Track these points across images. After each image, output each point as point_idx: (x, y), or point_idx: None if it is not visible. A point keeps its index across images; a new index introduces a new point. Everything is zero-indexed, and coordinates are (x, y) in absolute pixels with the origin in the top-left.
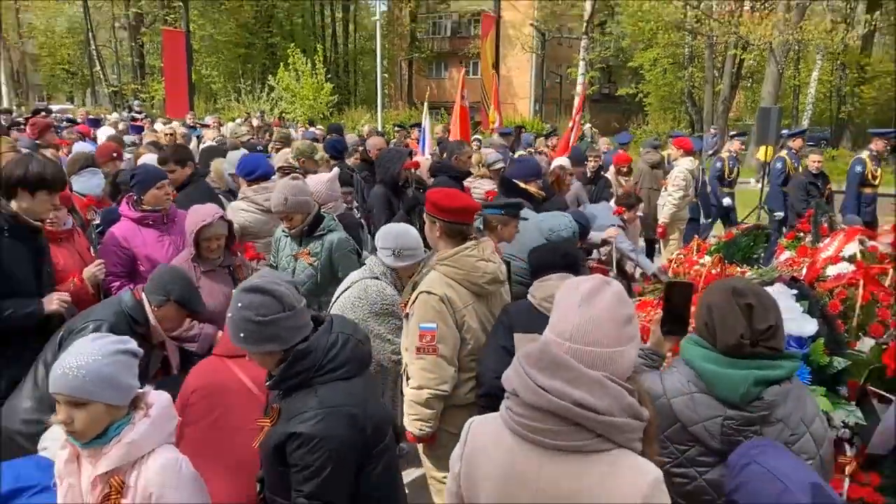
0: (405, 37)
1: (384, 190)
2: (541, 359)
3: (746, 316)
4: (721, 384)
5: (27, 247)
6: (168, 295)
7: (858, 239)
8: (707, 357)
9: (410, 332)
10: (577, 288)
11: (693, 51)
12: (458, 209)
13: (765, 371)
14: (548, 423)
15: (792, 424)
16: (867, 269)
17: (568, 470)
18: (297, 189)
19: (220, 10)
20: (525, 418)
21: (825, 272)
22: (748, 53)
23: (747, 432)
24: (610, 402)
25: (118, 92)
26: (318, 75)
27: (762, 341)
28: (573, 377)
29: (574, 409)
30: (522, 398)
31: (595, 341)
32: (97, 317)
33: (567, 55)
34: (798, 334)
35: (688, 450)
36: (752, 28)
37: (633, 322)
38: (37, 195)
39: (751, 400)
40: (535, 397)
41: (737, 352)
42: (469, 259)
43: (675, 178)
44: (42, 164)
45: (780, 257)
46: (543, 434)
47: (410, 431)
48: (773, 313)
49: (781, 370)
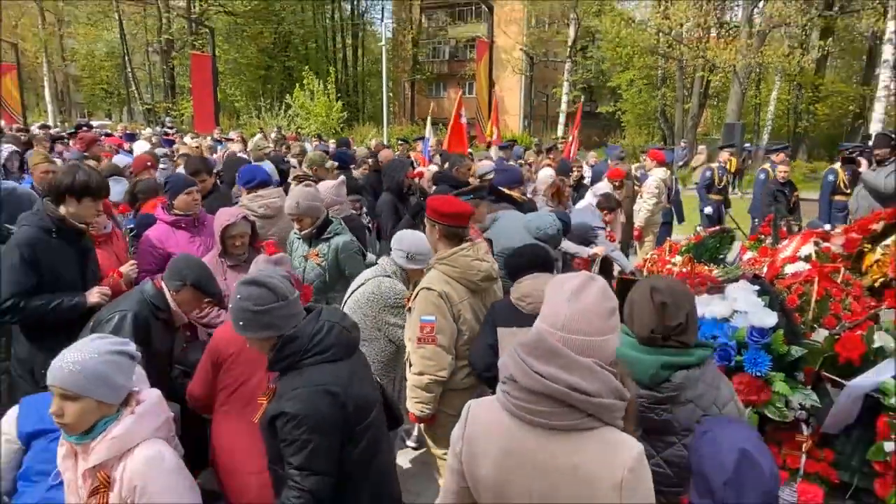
0: (408, 60)
1: (391, 197)
2: (536, 347)
3: (659, 313)
4: (634, 367)
5: (73, 247)
6: (184, 280)
7: (813, 241)
8: (626, 342)
9: (412, 325)
10: (565, 283)
11: (665, 73)
12: (455, 214)
13: (673, 357)
14: (543, 405)
15: (703, 405)
16: (821, 267)
17: (563, 446)
18: (309, 195)
19: (243, 37)
20: (522, 401)
21: (784, 270)
22: (714, 75)
23: (658, 410)
24: (599, 386)
25: (151, 109)
26: (330, 95)
27: (673, 336)
28: (566, 363)
29: (568, 391)
30: (520, 383)
31: (583, 331)
32: (123, 307)
33: (553, 76)
34: (760, 326)
35: None
36: (717, 52)
37: (615, 314)
38: (82, 202)
39: (659, 382)
40: (532, 382)
41: (650, 343)
42: (465, 259)
43: (650, 186)
44: (87, 174)
45: (744, 257)
46: (540, 415)
47: (412, 413)
48: (685, 311)
49: (690, 357)
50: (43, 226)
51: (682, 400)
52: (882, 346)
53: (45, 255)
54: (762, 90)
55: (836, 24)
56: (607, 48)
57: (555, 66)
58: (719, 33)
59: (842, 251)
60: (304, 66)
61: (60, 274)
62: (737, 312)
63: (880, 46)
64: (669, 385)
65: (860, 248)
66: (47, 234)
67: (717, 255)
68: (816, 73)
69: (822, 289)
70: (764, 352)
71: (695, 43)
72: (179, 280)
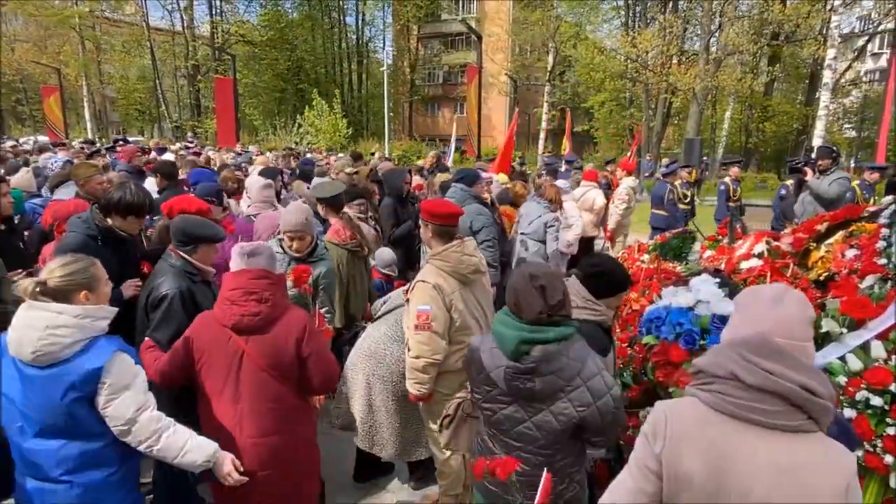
0: (406, 83)
1: (391, 201)
2: (763, 347)
3: (541, 295)
4: (500, 342)
5: (116, 255)
6: (190, 239)
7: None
8: (498, 320)
9: (410, 314)
10: (762, 292)
11: (633, 95)
12: (446, 214)
13: (530, 334)
14: (767, 404)
15: (566, 377)
16: (772, 263)
17: (782, 447)
18: (310, 212)
19: (261, 63)
20: (745, 399)
21: (739, 266)
22: (676, 97)
23: (522, 379)
24: (827, 389)
25: (179, 127)
26: (337, 114)
27: (555, 311)
28: (794, 364)
29: (800, 390)
30: (745, 381)
31: (792, 335)
32: (164, 289)
33: (534, 98)
34: (721, 314)
35: (491, 390)
36: (679, 77)
37: (813, 321)
38: (127, 218)
39: (520, 355)
40: (761, 379)
41: (539, 322)
42: (455, 254)
43: (620, 193)
44: (133, 194)
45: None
46: (763, 414)
47: (411, 392)
48: (560, 288)
49: (549, 334)
50: (90, 233)
51: (544, 372)
52: (828, 330)
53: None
54: (718, 110)
55: (783, 51)
56: (582, 73)
57: (536, 88)
58: (680, 60)
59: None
60: (314, 88)
61: None
62: (700, 302)
63: (821, 71)
64: (529, 358)
65: (807, 247)
66: (94, 241)
67: (681, 254)
68: (765, 95)
69: (774, 282)
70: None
71: (659, 68)
72: (187, 243)
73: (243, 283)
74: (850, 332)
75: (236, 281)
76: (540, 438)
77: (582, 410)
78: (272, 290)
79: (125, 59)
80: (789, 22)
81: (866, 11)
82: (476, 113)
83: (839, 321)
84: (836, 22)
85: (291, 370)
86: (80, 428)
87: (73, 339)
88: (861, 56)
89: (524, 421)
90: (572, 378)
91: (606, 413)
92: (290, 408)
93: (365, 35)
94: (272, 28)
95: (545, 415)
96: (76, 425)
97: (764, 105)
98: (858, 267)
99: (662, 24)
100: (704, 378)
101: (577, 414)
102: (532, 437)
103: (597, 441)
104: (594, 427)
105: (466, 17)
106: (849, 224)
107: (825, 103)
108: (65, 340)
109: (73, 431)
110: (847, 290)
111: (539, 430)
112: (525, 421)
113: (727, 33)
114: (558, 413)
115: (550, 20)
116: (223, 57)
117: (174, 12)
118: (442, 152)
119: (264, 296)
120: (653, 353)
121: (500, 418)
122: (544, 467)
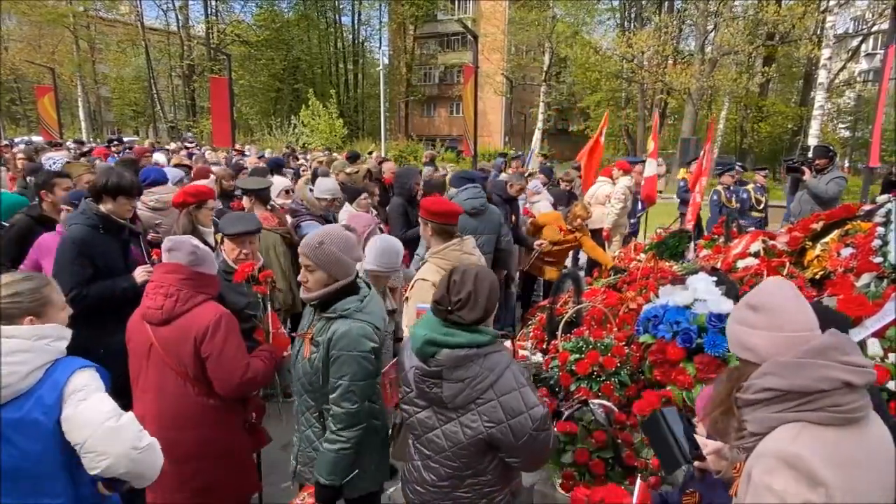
0: (403, 83)
1: (401, 201)
2: (844, 345)
3: (448, 288)
4: (412, 340)
5: (117, 240)
6: (221, 231)
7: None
8: (422, 318)
9: (409, 311)
10: (780, 292)
11: (628, 95)
12: (445, 213)
13: (438, 336)
14: (865, 397)
15: (478, 388)
16: (769, 262)
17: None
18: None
19: (257, 63)
20: (853, 402)
21: (736, 265)
22: (671, 97)
23: (428, 382)
24: None
25: (174, 127)
26: (333, 114)
27: (455, 310)
28: (857, 348)
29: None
30: (854, 384)
31: (816, 325)
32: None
33: (530, 98)
34: (718, 312)
35: (409, 392)
36: (674, 77)
37: None
38: (118, 200)
39: (426, 357)
40: (866, 377)
41: (439, 315)
42: (455, 252)
43: (616, 192)
44: (119, 176)
45: (700, 254)
46: (864, 409)
47: None
48: (468, 290)
49: (457, 338)
50: (91, 224)
51: (452, 378)
52: None
53: (96, 248)
54: (713, 110)
55: (777, 52)
56: (578, 73)
57: (532, 88)
58: (675, 60)
59: (786, 248)
60: (310, 88)
61: (110, 264)
62: (697, 300)
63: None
64: (434, 361)
65: (802, 245)
66: (95, 231)
67: (677, 252)
68: (760, 96)
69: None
70: (722, 335)
71: (654, 69)
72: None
73: (157, 277)
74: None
75: (154, 274)
76: (446, 449)
77: (490, 426)
78: (181, 286)
79: (120, 59)
80: (784, 22)
81: (860, 12)
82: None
83: None
84: (831, 22)
85: (191, 368)
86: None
87: (31, 367)
88: (855, 56)
89: (435, 428)
90: (485, 390)
91: (521, 434)
92: (194, 405)
93: (361, 35)
94: (268, 28)
95: (454, 425)
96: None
97: (759, 105)
98: (854, 265)
99: (658, 25)
100: (800, 399)
101: (484, 430)
102: (439, 447)
103: (513, 462)
104: (506, 446)
105: (463, 17)
106: (844, 223)
107: (820, 103)
108: (21, 369)
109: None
110: (843, 288)
111: (447, 439)
112: (436, 428)
113: (722, 33)
114: (465, 425)
115: (546, 20)
116: (219, 57)
117: (169, 12)
118: (451, 148)
119: (171, 290)
120: (650, 352)
121: (415, 422)
122: (452, 479)
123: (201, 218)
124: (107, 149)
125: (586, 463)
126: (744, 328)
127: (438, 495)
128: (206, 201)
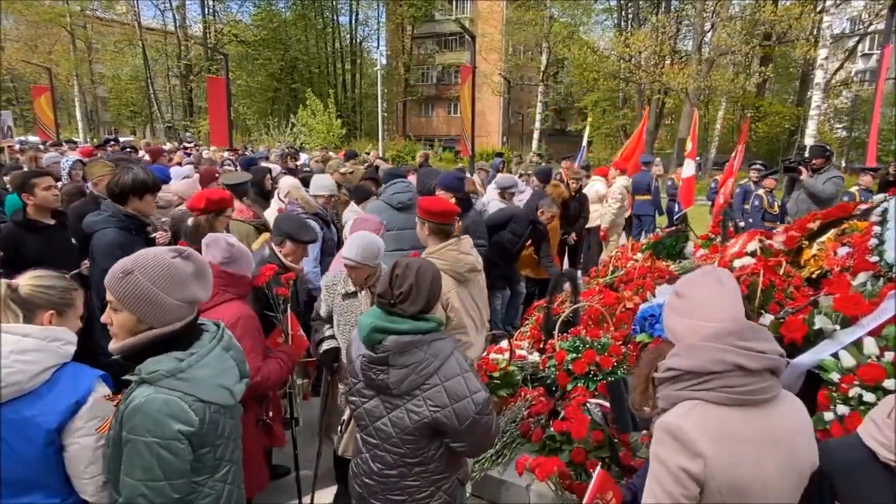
0: (400, 83)
1: None
2: (747, 331)
3: (391, 281)
4: (360, 329)
5: (142, 240)
6: (281, 234)
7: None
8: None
9: None
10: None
11: (626, 95)
12: (442, 212)
13: (384, 323)
14: (765, 381)
15: (423, 373)
16: (765, 261)
17: (777, 413)
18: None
19: (254, 63)
20: (748, 385)
21: (733, 264)
22: (669, 97)
23: (375, 369)
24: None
25: (172, 127)
26: (330, 114)
27: (398, 303)
28: (767, 336)
29: (780, 360)
30: (748, 368)
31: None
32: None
33: (528, 98)
34: None
35: (357, 383)
36: (671, 77)
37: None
38: (144, 198)
39: (374, 343)
40: (763, 361)
41: (382, 307)
42: (452, 252)
43: (614, 192)
44: (144, 172)
45: (697, 253)
46: (763, 392)
47: None
48: (410, 283)
49: (402, 325)
50: (122, 226)
51: (397, 364)
52: (821, 327)
53: (130, 250)
54: (710, 110)
55: (774, 52)
56: (575, 73)
57: (529, 88)
58: (673, 60)
59: (783, 247)
60: (307, 88)
61: None
62: None
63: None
64: (380, 348)
65: (799, 245)
66: (128, 232)
67: (674, 252)
68: (757, 96)
69: (767, 280)
70: None
71: (651, 69)
72: (279, 235)
73: None
74: (842, 329)
75: None
76: (393, 436)
77: (435, 410)
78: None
79: (117, 59)
80: (781, 23)
81: (857, 12)
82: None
83: (832, 318)
84: (828, 22)
85: None
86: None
87: (41, 368)
88: (852, 56)
89: (382, 417)
90: (429, 376)
91: (464, 417)
92: None
93: (359, 35)
94: (265, 28)
95: (401, 411)
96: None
97: (756, 105)
98: (851, 264)
99: (655, 25)
100: (696, 379)
101: (429, 414)
102: (387, 434)
103: (457, 447)
104: (451, 430)
105: (460, 17)
106: (841, 222)
107: (817, 103)
108: (32, 369)
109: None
110: (840, 287)
111: (393, 426)
112: (383, 417)
113: (719, 34)
114: (411, 410)
115: (544, 20)
116: (216, 57)
117: (166, 11)
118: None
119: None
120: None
121: (362, 413)
122: (400, 468)
123: (216, 224)
124: (95, 149)
125: (583, 462)
126: (667, 312)
127: (387, 485)
128: (226, 209)
